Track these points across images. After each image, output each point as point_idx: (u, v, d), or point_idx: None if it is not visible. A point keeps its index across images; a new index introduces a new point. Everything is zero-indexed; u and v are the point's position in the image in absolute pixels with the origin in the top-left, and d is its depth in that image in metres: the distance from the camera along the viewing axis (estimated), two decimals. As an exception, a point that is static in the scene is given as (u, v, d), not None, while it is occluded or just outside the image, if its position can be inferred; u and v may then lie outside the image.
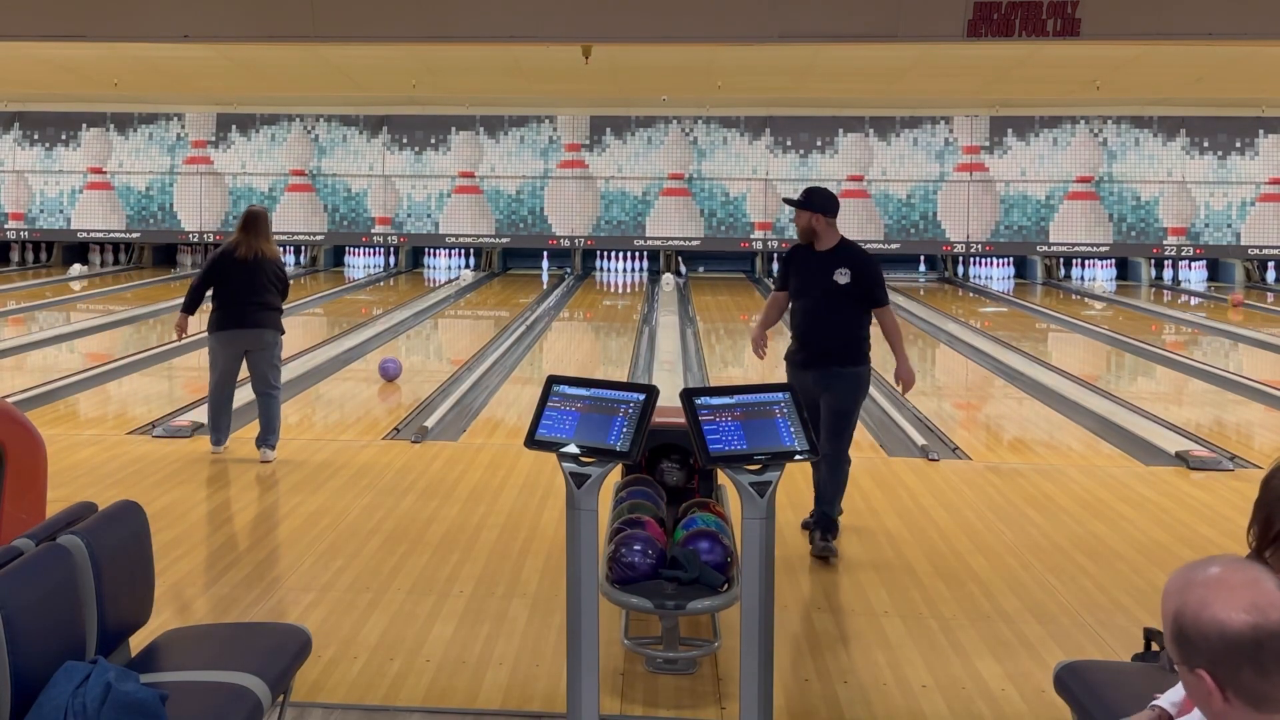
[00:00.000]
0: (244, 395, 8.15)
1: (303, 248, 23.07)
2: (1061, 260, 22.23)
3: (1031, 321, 17.15)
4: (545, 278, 22.26)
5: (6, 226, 22.73)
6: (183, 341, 8.85)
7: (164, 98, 21.39)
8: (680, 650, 4.51)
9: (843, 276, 5.87)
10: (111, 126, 22.66)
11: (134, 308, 16.63)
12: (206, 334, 7.91)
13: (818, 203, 5.95)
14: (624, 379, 11.09)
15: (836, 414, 5.87)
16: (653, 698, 4.31)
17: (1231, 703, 1.74)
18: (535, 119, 22.26)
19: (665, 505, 5.11)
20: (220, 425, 7.86)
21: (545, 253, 22.98)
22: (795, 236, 6.18)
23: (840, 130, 21.98)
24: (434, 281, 21.60)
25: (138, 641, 3.64)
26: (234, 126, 22.60)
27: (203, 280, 7.79)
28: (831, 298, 5.90)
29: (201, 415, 8.94)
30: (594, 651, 3.64)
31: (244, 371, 7.79)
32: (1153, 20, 8.01)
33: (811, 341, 5.94)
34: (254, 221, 7.80)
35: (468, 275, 21.90)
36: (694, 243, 22.25)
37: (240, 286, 7.64)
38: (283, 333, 7.88)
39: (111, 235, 22.86)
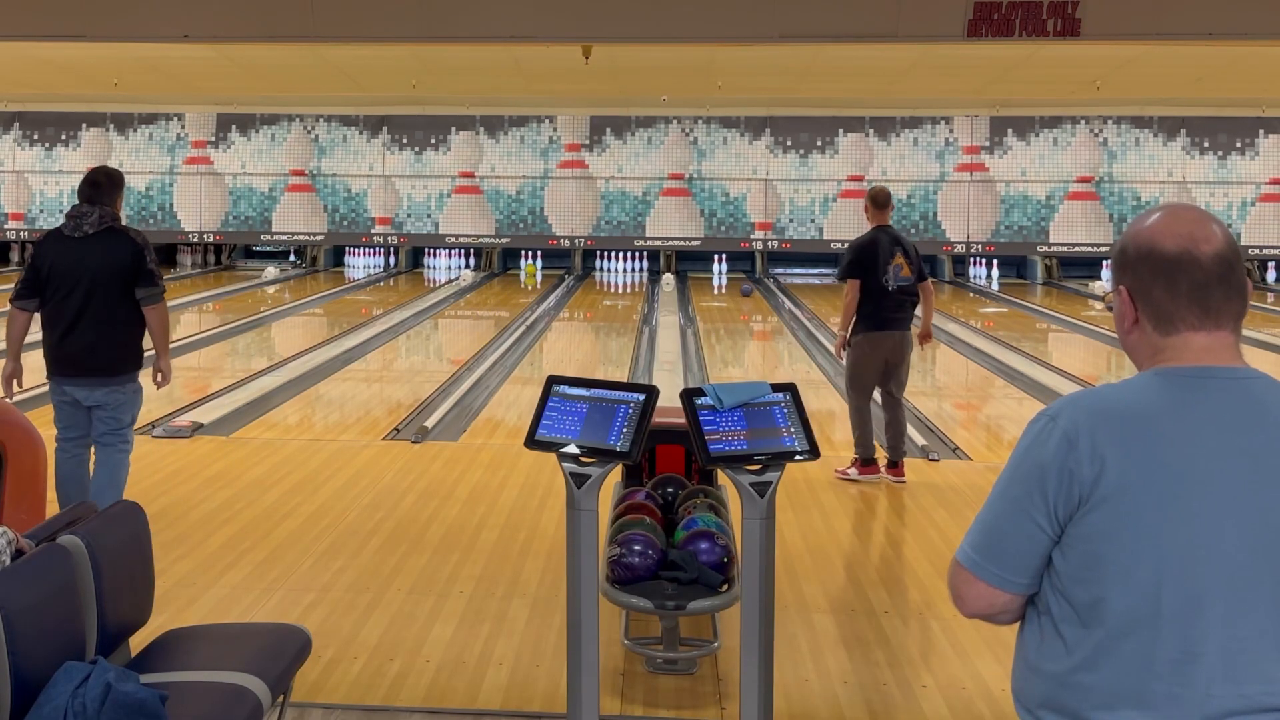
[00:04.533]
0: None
1: (304, 248, 23.10)
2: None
3: (1031, 321, 17.15)
4: (539, 278, 22.26)
5: (6, 226, 22.73)
6: None
7: (164, 98, 21.38)
8: (680, 650, 4.51)
9: None
10: (111, 126, 22.66)
11: (134, 308, 16.58)
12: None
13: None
14: (624, 379, 11.09)
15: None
16: (653, 698, 4.31)
17: (1140, 324, 1.93)
18: (535, 119, 22.26)
19: (663, 505, 5.10)
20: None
21: (536, 253, 22.95)
22: (794, 236, 6.45)
23: (840, 130, 21.98)
24: (434, 281, 21.60)
25: (138, 641, 3.64)
26: (234, 126, 22.60)
27: None
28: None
29: (201, 415, 8.95)
30: (594, 651, 3.64)
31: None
32: (1153, 20, 8.01)
33: None
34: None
35: (468, 275, 21.90)
36: (694, 243, 22.25)
37: None
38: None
39: (111, 235, 22.82)
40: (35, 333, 5.98)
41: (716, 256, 22.62)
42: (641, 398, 3.72)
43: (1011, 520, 1.90)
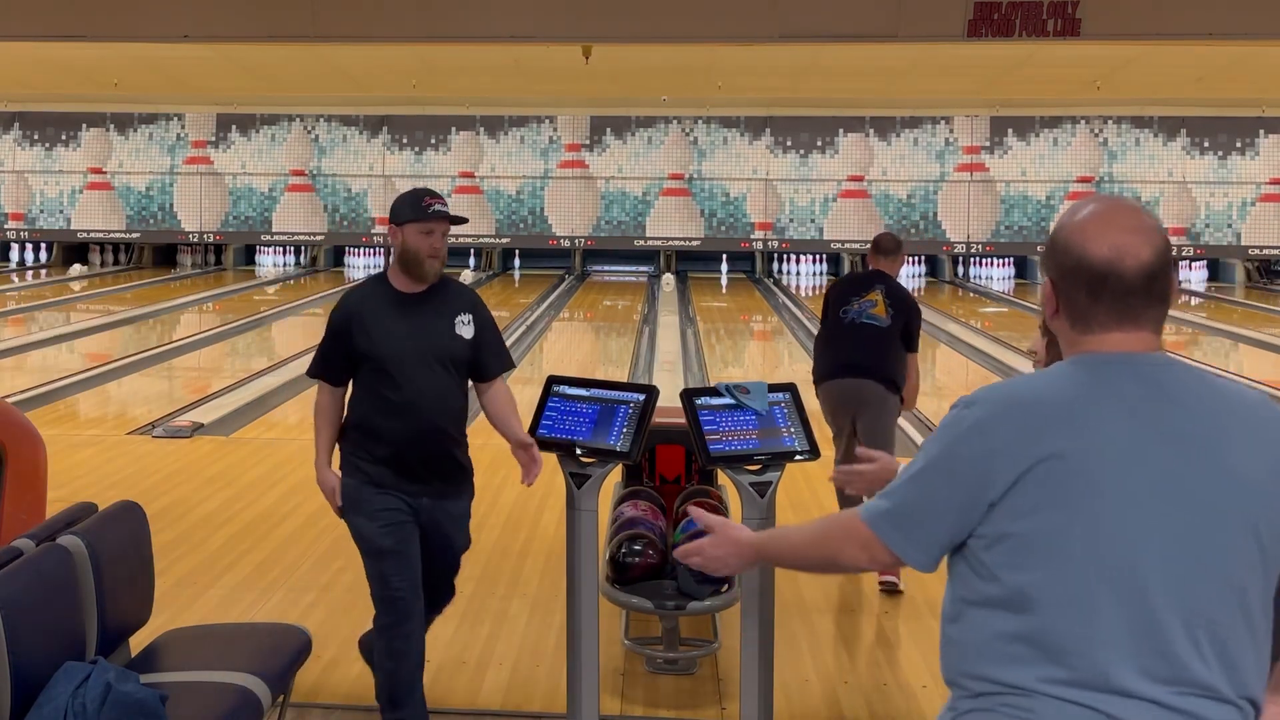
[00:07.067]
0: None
1: (303, 248, 23.10)
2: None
3: (1031, 321, 17.15)
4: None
5: (6, 226, 22.72)
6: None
7: (164, 98, 21.38)
8: (680, 650, 4.51)
9: None
10: (111, 126, 22.66)
11: (134, 308, 16.63)
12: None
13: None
14: (624, 379, 11.08)
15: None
16: (653, 698, 4.31)
17: (1060, 316, 1.95)
18: (535, 119, 22.25)
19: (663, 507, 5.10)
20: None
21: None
22: (795, 237, 6.26)
23: (840, 130, 21.97)
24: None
25: (138, 641, 3.64)
26: (234, 126, 22.59)
27: None
28: None
29: (201, 415, 8.95)
30: (594, 651, 3.64)
31: None
32: (1153, 20, 8.01)
33: None
34: None
35: (468, 275, 21.90)
36: (694, 243, 22.25)
37: None
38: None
39: (111, 235, 22.85)
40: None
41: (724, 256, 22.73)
42: (641, 398, 3.72)
43: (926, 501, 1.91)
